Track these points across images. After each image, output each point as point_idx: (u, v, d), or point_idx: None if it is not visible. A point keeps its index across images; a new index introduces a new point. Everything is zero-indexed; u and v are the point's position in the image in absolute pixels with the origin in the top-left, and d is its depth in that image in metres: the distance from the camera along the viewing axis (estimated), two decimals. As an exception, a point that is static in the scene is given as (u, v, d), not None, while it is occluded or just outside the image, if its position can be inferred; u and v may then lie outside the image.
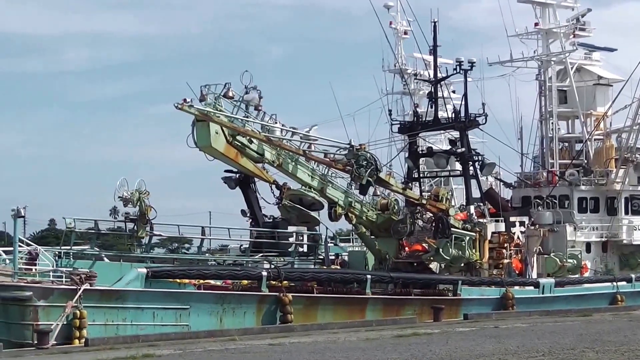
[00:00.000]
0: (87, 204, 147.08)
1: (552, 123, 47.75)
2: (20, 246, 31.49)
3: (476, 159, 42.68)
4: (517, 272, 41.03)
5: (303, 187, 36.68)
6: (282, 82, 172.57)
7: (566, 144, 49.52)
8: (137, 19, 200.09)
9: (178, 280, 31.26)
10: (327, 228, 40.41)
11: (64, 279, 28.93)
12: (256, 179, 39.25)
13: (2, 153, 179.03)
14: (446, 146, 47.10)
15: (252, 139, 35.06)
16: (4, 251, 36.38)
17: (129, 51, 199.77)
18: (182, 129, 34.77)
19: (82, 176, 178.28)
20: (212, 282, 32.70)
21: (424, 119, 44.60)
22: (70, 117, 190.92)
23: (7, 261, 32.80)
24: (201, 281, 32.06)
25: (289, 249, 39.38)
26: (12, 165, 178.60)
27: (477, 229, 38.91)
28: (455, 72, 43.43)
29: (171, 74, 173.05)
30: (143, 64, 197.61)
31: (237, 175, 40.03)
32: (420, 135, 45.42)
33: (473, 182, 42.64)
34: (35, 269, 30.93)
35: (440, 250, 37.39)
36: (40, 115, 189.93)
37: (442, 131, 48.52)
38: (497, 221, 41.13)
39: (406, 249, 38.90)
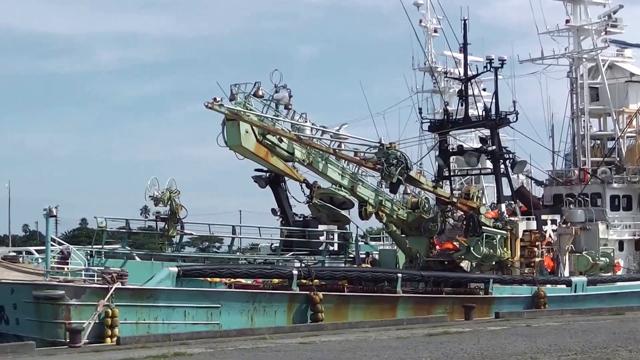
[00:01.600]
0: (118, 203, 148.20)
1: (584, 121, 47.42)
2: (52, 245, 31.72)
3: (507, 157, 42.54)
4: (549, 270, 40.79)
5: (333, 186, 36.67)
6: (312, 81, 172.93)
7: (598, 142, 49.17)
8: (168, 18, 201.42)
9: (209, 279, 31.35)
10: (357, 227, 40.42)
11: (95, 278, 29.06)
12: (286, 178, 39.28)
13: (37, 153, 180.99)
14: (477, 144, 46.92)
15: (282, 137, 35.06)
16: (36, 250, 36.68)
17: (160, 51, 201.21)
18: (212, 128, 34.88)
19: (113, 176, 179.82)
20: (242, 280, 32.76)
21: (454, 117, 44.43)
22: (102, 117, 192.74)
23: (40, 260, 33.05)
24: (232, 280, 32.12)
25: (320, 248, 39.35)
26: (45, 165, 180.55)
27: (509, 227, 38.68)
28: (485, 69, 43.31)
29: (203, 73, 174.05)
30: (174, 63, 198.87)
31: (268, 174, 40.10)
32: (450, 133, 45.28)
33: (504, 180, 42.48)
34: (68, 268, 31.11)
35: (471, 248, 37.22)
36: (73, 115, 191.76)
37: (472, 129, 48.36)
38: (528, 219, 40.90)
39: (437, 247, 38.78)
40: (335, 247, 40.29)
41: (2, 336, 27.73)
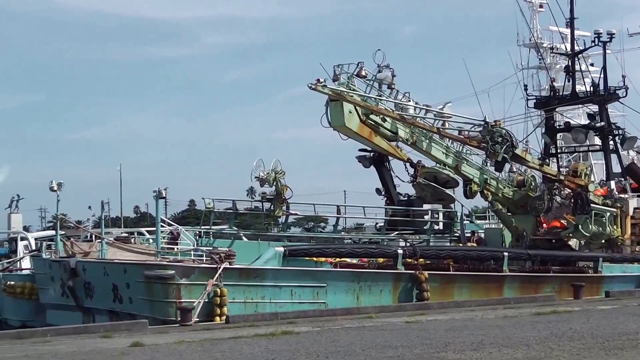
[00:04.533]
0: (225, 185, 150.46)
1: (698, 94, 45.99)
2: (162, 226, 32.42)
3: (616, 132, 41.67)
4: (661, 248, 39.87)
5: (437, 165, 36.51)
6: (415, 60, 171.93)
7: None
8: (271, 1, 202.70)
9: (314, 259, 31.59)
10: (462, 205, 40.19)
11: (204, 258, 29.60)
12: (390, 158, 39.27)
13: (146, 137, 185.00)
14: (584, 120, 46.03)
15: (386, 117, 35.05)
16: (147, 231, 37.58)
17: (264, 33, 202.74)
18: (316, 109, 35.10)
19: (220, 158, 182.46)
20: (348, 260, 32.93)
21: (561, 94, 43.72)
22: (209, 100, 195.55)
23: (150, 240, 33.88)
24: (337, 259, 32.32)
25: (425, 227, 39.26)
26: (154, 148, 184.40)
27: (618, 205, 37.98)
28: (593, 44, 42.48)
29: (306, 55, 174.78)
30: (278, 45, 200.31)
31: (372, 154, 40.11)
32: (557, 110, 44.56)
33: (613, 156, 41.64)
34: (177, 248, 31.80)
35: (580, 226, 36.67)
36: (180, 99, 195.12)
37: (580, 105, 47.44)
38: (639, 196, 40.00)
39: (544, 225, 38.30)
40: (440, 226, 40.12)
41: (117, 314, 28.57)
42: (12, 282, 33.61)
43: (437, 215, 39.84)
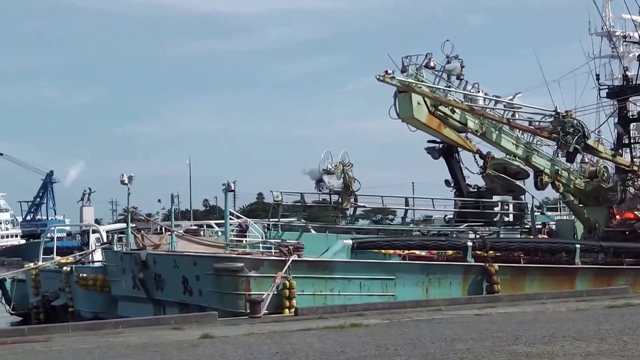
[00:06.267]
0: (293, 177, 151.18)
1: None
2: (231, 219, 32.62)
3: (693, 122, 40.77)
4: None
5: (507, 156, 36.13)
6: (484, 51, 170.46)
7: None
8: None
9: (383, 251, 31.48)
10: (533, 197, 39.61)
11: (273, 250, 29.70)
12: (459, 149, 38.95)
13: (213, 133, 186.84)
14: (659, 110, 45.17)
15: (455, 108, 34.78)
16: (216, 224, 37.84)
17: (325, 27, 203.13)
18: (385, 101, 35.00)
19: (287, 151, 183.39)
20: (417, 252, 32.77)
21: (634, 82, 42.93)
22: (274, 94, 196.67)
23: (220, 233, 34.11)
24: (406, 252, 32.17)
25: (494, 219, 38.86)
26: (222, 143, 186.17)
27: (694, 196, 37.15)
28: (668, 31, 41.58)
29: (369, 47, 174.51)
30: (340, 38, 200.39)
31: (441, 145, 39.81)
32: (630, 99, 43.78)
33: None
34: (246, 241, 31.95)
35: (654, 218, 36.00)
36: (245, 94, 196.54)
37: (654, 94, 46.54)
38: None
39: (617, 217, 37.65)
40: (511, 218, 39.67)
41: (187, 306, 28.82)
42: (85, 275, 34.18)
43: (507, 207, 39.39)
